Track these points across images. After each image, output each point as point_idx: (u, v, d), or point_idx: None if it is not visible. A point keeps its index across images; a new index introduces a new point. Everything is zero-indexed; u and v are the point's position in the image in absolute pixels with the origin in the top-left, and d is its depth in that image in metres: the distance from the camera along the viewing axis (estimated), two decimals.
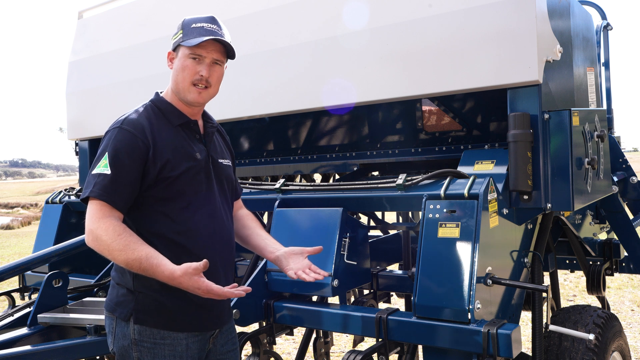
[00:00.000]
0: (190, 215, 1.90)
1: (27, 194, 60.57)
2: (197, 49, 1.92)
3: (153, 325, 1.86)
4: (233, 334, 2.13)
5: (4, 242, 15.56)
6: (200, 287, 1.72)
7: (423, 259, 2.14)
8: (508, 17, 2.28)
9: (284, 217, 2.66)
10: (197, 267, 1.70)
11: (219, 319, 2.01)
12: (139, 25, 3.55)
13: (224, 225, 2.01)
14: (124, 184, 1.81)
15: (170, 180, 1.87)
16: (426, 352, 2.16)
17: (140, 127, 1.87)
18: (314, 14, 2.85)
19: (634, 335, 5.26)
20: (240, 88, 3.13)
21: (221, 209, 2.02)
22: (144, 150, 1.85)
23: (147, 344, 1.86)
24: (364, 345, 3.99)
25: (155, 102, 2.00)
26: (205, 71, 1.94)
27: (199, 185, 1.95)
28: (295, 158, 3.68)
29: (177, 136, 1.95)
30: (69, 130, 4.08)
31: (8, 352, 2.17)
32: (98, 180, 1.80)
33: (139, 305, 1.87)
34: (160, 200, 1.88)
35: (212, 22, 1.97)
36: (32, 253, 3.09)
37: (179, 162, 1.90)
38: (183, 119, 1.98)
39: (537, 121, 2.30)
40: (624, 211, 3.38)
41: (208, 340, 1.98)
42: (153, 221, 1.88)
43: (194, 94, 1.95)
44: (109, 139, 1.87)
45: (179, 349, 1.88)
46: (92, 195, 1.79)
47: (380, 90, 2.64)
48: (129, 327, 1.87)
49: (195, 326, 1.93)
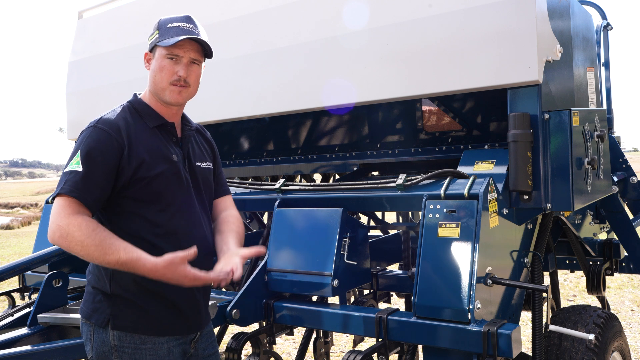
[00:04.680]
0: (167, 218, 1.88)
1: (27, 194, 60.57)
2: (173, 49, 1.90)
3: (132, 330, 1.83)
4: (213, 337, 2.11)
5: (4, 242, 15.56)
6: (187, 276, 1.70)
7: (423, 259, 2.14)
8: (508, 17, 2.28)
9: (284, 217, 2.66)
10: (183, 256, 1.69)
11: (198, 321, 1.98)
12: (139, 25, 3.54)
13: (202, 228, 1.98)
14: (96, 183, 1.77)
15: (146, 181, 1.84)
16: (426, 352, 2.16)
17: (116, 126, 1.84)
18: (314, 14, 2.85)
19: (634, 335, 5.27)
20: (240, 88, 3.13)
21: (199, 212, 1.99)
22: (118, 149, 1.81)
23: (127, 349, 1.83)
24: (364, 345, 3.99)
25: (133, 103, 1.97)
26: (183, 71, 1.92)
27: (177, 188, 1.92)
28: (295, 158, 3.68)
29: (153, 138, 1.92)
30: (69, 130, 4.07)
31: (8, 352, 2.16)
32: (69, 177, 1.76)
33: (116, 310, 1.83)
34: (138, 202, 1.85)
35: (188, 22, 1.94)
36: (32, 253, 3.09)
37: (155, 162, 1.87)
38: (159, 121, 1.96)
39: (537, 121, 2.30)
40: (624, 211, 3.38)
41: (189, 345, 1.96)
42: (130, 223, 1.85)
43: (173, 94, 1.93)
44: (83, 138, 1.83)
45: (161, 353, 1.85)
46: (62, 191, 1.75)
47: (380, 90, 2.64)
48: (108, 333, 1.84)
49: (175, 330, 1.90)
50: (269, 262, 2.58)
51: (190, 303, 1.93)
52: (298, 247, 2.54)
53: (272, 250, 2.60)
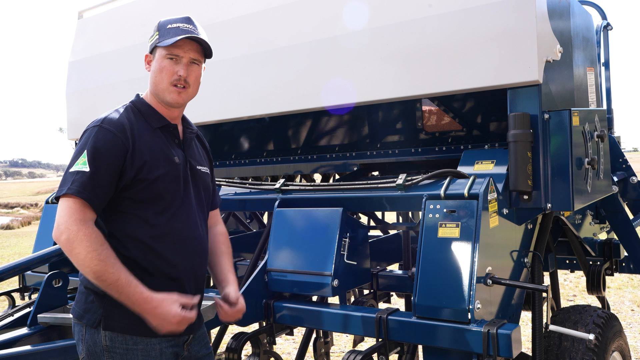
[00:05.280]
0: (166, 220, 1.87)
1: (27, 194, 60.58)
2: (173, 49, 1.90)
3: (124, 330, 1.82)
4: (206, 339, 2.10)
5: (4, 242, 15.56)
6: (175, 316, 1.74)
7: (423, 259, 2.14)
8: (508, 17, 2.28)
9: (284, 217, 2.66)
10: (182, 300, 1.76)
11: (190, 325, 1.95)
12: (139, 25, 3.55)
13: (199, 232, 1.98)
14: (102, 183, 1.77)
15: (147, 183, 1.84)
16: (426, 352, 2.16)
17: (121, 126, 1.84)
18: (314, 14, 2.85)
19: (634, 335, 5.27)
20: (240, 88, 3.13)
21: (197, 216, 1.99)
22: (123, 150, 1.81)
23: (119, 350, 1.82)
24: (364, 345, 3.99)
25: (136, 103, 1.97)
26: (183, 71, 1.91)
27: (177, 190, 1.92)
28: (295, 158, 3.68)
29: (156, 139, 1.92)
30: (69, 130, 4.07)
31: (8, 352, 2.17)
32: (76, 178, 1.75)
33: (108, 311, 1.82)
34: (137, 203, 1.84)
35: (187, 22, 1.94)
36: (32, 253, 3.09)
37: (157, 164, 1.86)
38: (163, 122, 1.96)
39: (537, 121, 2.30)
40: (624, 211, 3.38)
41: (182, 347, 1.95)
42: (128, 224, 1.84)
43: (174, 95, 1.92)
44: (88, 137, 1.82)
45: (153, 354, 1.84)
46: (70, 192, 1.73)
47: (380, 90, 2.64)
48: (99, 334, 1.83)
49: None
50: (269, 262, 2.58)
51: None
52: (298, 247, 2.54)
53: (272, 250, 2.60)
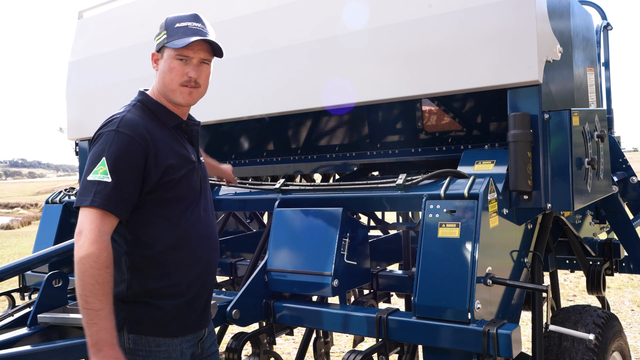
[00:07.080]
0: (188, 217, 1.88)
1: (27, 194, 60.55)
2: (183, 50, 1.88)
3: (148, 333, 1.83)
4: (215, 337, 2.13)
5: (4, 242, 15.56)
6: None
7: (423, 259, 2.14)
8: (508, 17, 2.28)
9: (284, 217, 2.66)
10: None
11: (206, 317, 2.00)
12: (139, 25, 3.54)
13: (213, 226, 2.01)
14: (126, 192, 1.74)
15: (173, 183, 1.83)
16: (426, 352, 2.16)
17: (139, 130, 1.80)
18: (314, 14, 2.85)
19: (634, 335, 5.27)
20: (240, 88, 3.12)
21: (209, 209, 2.01)
22: (143, 154, 1.78)
23: (142, 353, 1.83)
24: (364, 345, 3.99)
25: (145, 102, 1.94)
26: (194, 72, 1.90)
27: (196, 187, 1.93)
28: (295, 158, 3.68)
29: (172, 138, 1.91)
30: (69, 130, 4.07)
31: (8, 352, 2.16)
32: (99, 189, 1.70)
33: (131, 314, 1.83)
34: (162, 203, 1.83)
35: (196, 21, 1.93)
36: (32, 253, 3.09)
37: (180, 164, 1.87)
38: (177, 120, 1.95)
39: (537, 121, 2.30)
40: (624, 211, 3.38)
41: (197, 346, 1.96)
42: (151, 224, 1.83)
43: (184, 95, 1.91)
44: (106, 144, 1.76)
45: (174, 356, 1.86)
46: (94, 205, 1.69)
47: (380, 90, 2.64)
48: (123, 337, 1.83)
49: (188, 328, 1.91)
50: (269, 262, 2.58)
51: (201, 299, 1.94)
52: (298, 247, 2.54)
53: (272, 250, 2.60)
